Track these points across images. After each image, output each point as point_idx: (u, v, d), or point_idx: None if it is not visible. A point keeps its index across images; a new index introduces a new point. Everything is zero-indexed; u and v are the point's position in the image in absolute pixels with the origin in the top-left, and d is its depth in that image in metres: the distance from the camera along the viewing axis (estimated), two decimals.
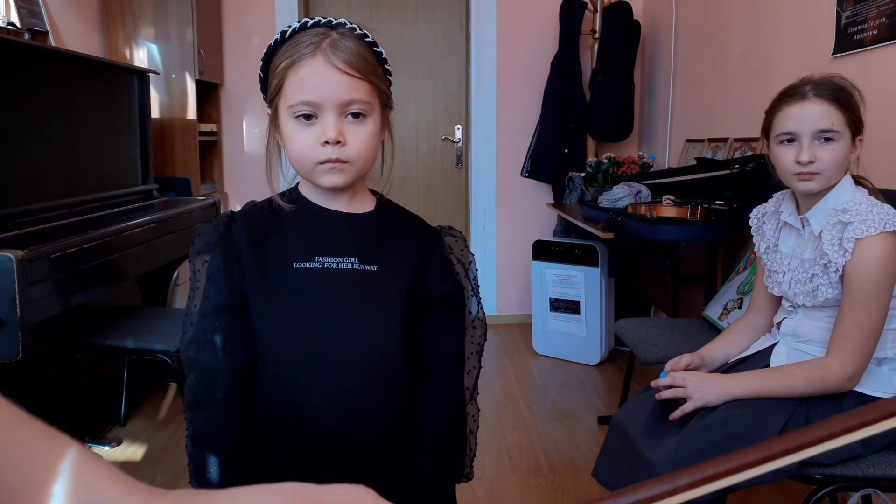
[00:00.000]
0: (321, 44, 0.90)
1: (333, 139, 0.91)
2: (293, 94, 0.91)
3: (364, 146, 0.93)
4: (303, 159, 0.94)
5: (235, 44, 3.90)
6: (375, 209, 1.03)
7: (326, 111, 0.91)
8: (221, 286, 0.96)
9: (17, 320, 1.57)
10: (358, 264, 0.97)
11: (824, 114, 1.35)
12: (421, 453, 1.02)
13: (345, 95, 0.91)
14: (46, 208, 2.07)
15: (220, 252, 0.97)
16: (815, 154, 1.36)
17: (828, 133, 1.35)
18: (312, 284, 0.95)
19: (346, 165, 0.93)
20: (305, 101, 0.91)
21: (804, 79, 1.42)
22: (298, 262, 0.96)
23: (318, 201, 1.00)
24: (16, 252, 1.58)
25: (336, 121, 0.91)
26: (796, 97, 1.38)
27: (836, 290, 1.37)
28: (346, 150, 0.92)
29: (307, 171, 0.95)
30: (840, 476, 1.33)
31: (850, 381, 1.35)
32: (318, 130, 0.91)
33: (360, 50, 0.92)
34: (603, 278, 3.33)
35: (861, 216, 1.32)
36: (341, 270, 0.96)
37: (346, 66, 0.90)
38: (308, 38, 0.91)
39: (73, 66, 2.33)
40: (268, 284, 0.95)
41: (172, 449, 2.46)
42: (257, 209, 1.02)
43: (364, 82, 0.92)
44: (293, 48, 0.91)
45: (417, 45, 4.13)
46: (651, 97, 3.94)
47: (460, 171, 4.25)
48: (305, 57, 0.90)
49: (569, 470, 2.34)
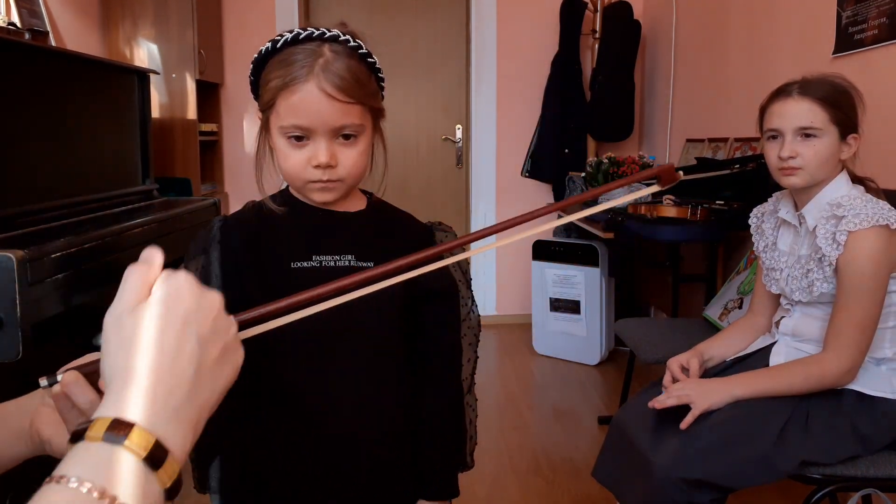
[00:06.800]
0: (314, 66, 0.89)
1: (325, 164, 0.91)
2: (285, 117, 0.91)
3: (355, 166, 0.95)
4: (294, 177, 0.95)
5: (235, 44, 3.89)
6: (367, 208, 1.04)
7: (318, 135, 0.91)
8: (220, 290, 0.95)
9: (17, 320, 1.57)
10: (355, 262, 0.98)
11: (806, 111, 1.38)
12: (422, 444, 1.03)
13: (337, 122, 0.91)
14: (46, 208, 2.07)
15: (217, 256, 0.97)
16: (796, 150, 1.39)
17: (809, 130, 1.39)
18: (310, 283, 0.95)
19: (337, 184, 0.95)
20: (297, 125, 0.91)
21: (802, 77, 1.44)
22: (295, 262, 0.97)
23: (311, 202, 1.00)
24: (16, 252, 1.58)
25: (328, 144, 0.91)
26: (782, 95, 1.43)
27: (831, 285, 1.38)
28: (336, 171, 0.93)
29: (298, 187, 0.97)
30: (840, 476, 1.33)
31: (846, 375, 1.35)
32: (309, 152, 0.92)
33: (352, 70, 0.91)
34: (603, 278, 3.32)
35: (854, 210, 1.33)
36: (339, 268, 0.97)
37: (338, 93, 0.89)
38: (300, 57, 0.90)
39: (73, 66, 2.33)
40: (266, 286, 0.96)
41: None
42: (250, 211, 1.03)
43: (356, 106, 0.92)
44: (285, 68, 0.90)
45: (417, 46, 4.13)
46: (651, 97, 3.94)
47: (460, 171, 4.24)
48: (298, 81, 0.89)
49: (569, 470, 2.33)
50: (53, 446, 0.64)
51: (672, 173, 0.65)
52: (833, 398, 1.37)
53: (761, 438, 1.32)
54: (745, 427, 1.34)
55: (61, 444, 0.62)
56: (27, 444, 0.66)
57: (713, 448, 1.31)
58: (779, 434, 1.32)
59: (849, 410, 1.36)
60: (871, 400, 1.37)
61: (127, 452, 0.43)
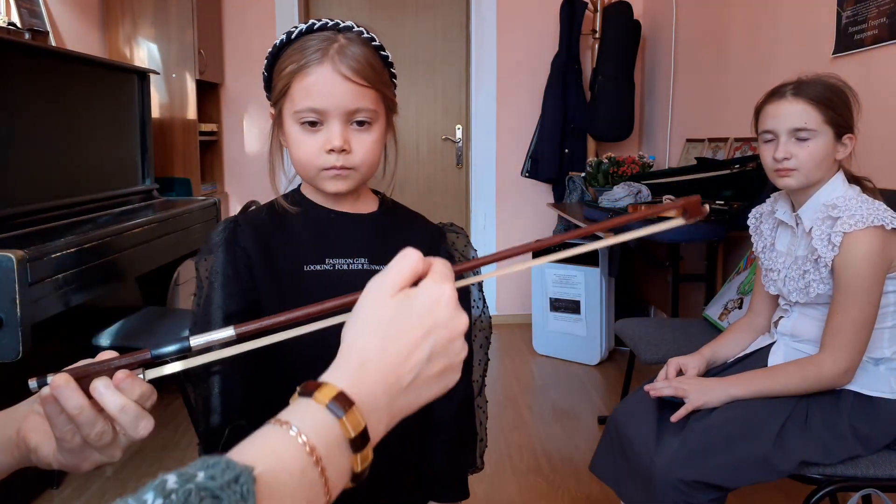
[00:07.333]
0: (329, 50, 0.89)
1: (339, 147, 0.90)
2: (299, 101, 0.90)
3: (369, 154, 0.93)
4: (307, 165, 0.93)
5: (235, 44, 3.90)
6: (379, 209, 1.03)
7: (332, 119, 0.90)
8: (233, 293, 0.94)
9: (17, 320, 1.57)
10: (368, 264, 0.96)
11: (800, 113, 1.38)
12: (433, 446, 1.02)
13: (351, 104, 0.90)
14: (46, 208, 2.07)
15: (229, 258, 0.95)
16: (790, 151, 1.40)
17: (802, 132, 1.39)
18: (323, 286, 0.93)
19: (351, 172, 0.93)
20: (312, 108, 0.90)
21: (797, 78, 1.44)
22: (308, 265, 0.95)
23: (323, 202, 0.99)
24: (16, 252, 1.58)
25: (342, 129, 0.90)
26: (776, 96, 1.43)
27: (828, 286, 1.38)
28: (350, 157, 0.91)
29: (311, 176, 0.94)
30: (840, 476, 1.33)
31: (843, 376, 1.35)
32: (323, 137, 0.91)
33: (367, 56, 0.91)
34: (603, 278, 3.32)
35: (850, 211, 1.34)
36: (352, 271, 0.96)
37: (353, 75, 0.89)
38: (315, 42, 0.90)
39: (73, 66, 2.33)
40: (279, 289, 0.94)
41: (172, 449, 2.46)
42: (260, 213, 1.01)
43: (371, 90, 0.91)
44: (300, 53, 0.90)
45: (417, 46, 4.13)
46: (651, 97, 3.94)
47: (460, 171, 4.25)
48: (313, 63, 0.89)
49: (569, 470, 2.34)
50: (40, 455, 0.61)
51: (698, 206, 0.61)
52: (832, 398, 1.38)
53: (760, 438, 1.32)
54: (744, 427, 1.34)
55: (48, 454, 0.61)
56: (13, 453, 0.63)
57: (712, 448, 1.31)
58: (778, 434, 1.32)
59: (848, 410, 1.36)
60: (870, 400, 1.37)
61: (340, 427, 0.47)
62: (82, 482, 2.24)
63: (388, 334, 0.52)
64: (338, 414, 0.47)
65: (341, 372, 0.51)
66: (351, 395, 0.48)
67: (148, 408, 0.59)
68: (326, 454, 0.45)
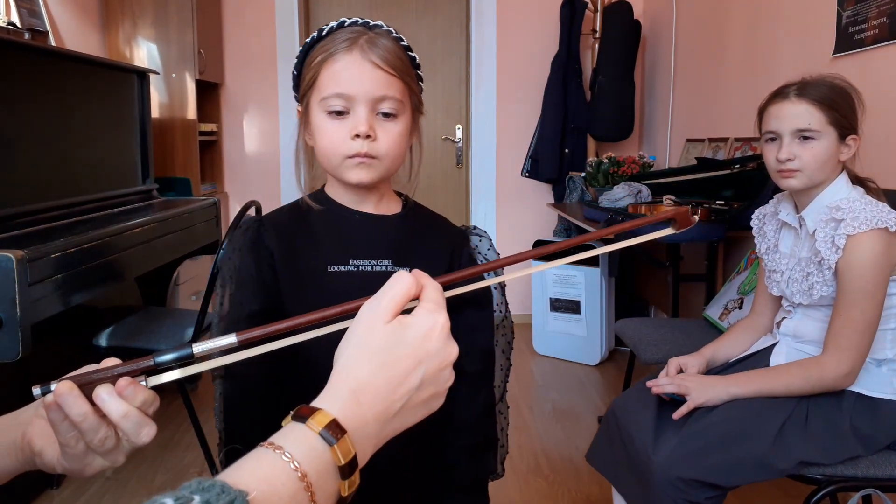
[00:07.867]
0: (358, 40, 0.91)
1: (364, 133, 0.90)
2: (326, 87, 0.91)
3: (393, 144, 0.93)
4: (332, 153, 0.93)
5: (235, 44, 3.90)
6: (403, 210, 1.03)
7: (359, 105, 0.90)
8: (256, 292, 0.94)
9: (17, 320, 1.57)
10: (392, 266, 0.96)
11: (803, 113, 1.38)
12: (454, 451, 1.02)
13: (378, 91, 0.90)
14: (46, 208, 2.07)
15: (253, 258, 0.95)
16: (794, 152, 1.39)
17: (806, 132, 1.38)
18: (347, 288, 0.93)
19: (375, 161, 0.92)
20: (339, 93, 0.90)
21: (801, 79, 1.44)
22: (332, 266, 0.95)
23: (347, 203, 0.99)
24: (16, 252, 1.58)
25: (367, 115, 0.90)
26: (780, 97, 1.43)
27: (831, 288, 1.38)
28: (375, 145, 0.91)
29: (335, 165, 0.94)
30: (840, 476, 1.33)
31: (846, 378, 1.35)
32: (349, 124, 0.91)
33: (395, 49, 0.92)
34: (603, 278, 3.32)
35: (853, 213, 1.33)
36: (376, 273, 0.95)
37: (381, 62, 0.90)
38: (345, 34, 0.92)
39: (73, 66, 2.33)
40: (302, 289, 0.94)
41: (173, 449, 2.46)
42: (283, 213, 1.01)
43: (398, 80, 0.92)
44: (329, 44, 0.92)
45: (417, 46, 4.09)
46: (651, 97, 3.94)
47: (460, 171, 4.25)
48: (341, 51, 0.90)
49: (569, 470, 2.33)
50: (44, 459, 0.62)
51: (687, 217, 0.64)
52: (834, 399, 1.37)
53: (760, 438, 1.32)
54: (743, 426, 1.34)
55: (52, 458, 0.61)
56: (17, 457, 0.64)
57: (712, 447, 1.31)
58: (777, 433, 1.32)
59: (849, 410, 1.36)
60: (872, 400, 1.37)
61: (331, 454, 0.48)
62: (82, 483, 2.23)
63: (381, 362, 0.53)
64: (330, 441, 0.48)
65: (334, 399, 0.52)
66: (343, 423, 0.50)
67: (150, 414, 0.59)
68: (316, 480, 0.47)
